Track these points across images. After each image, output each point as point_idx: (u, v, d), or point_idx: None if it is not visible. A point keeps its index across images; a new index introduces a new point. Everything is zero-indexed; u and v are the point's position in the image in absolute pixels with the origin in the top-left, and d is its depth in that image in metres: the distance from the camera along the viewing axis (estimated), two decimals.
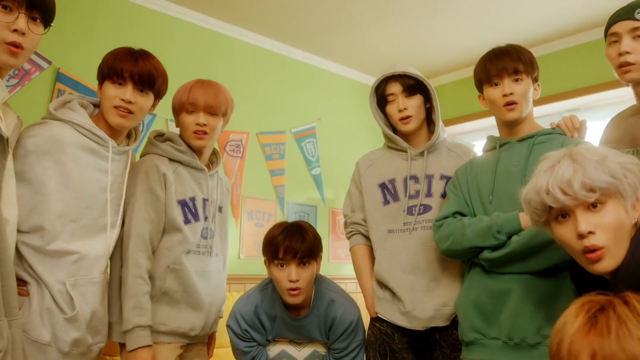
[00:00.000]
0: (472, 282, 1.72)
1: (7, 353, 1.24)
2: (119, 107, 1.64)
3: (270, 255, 1.88)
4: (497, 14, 3.63)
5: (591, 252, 1.16)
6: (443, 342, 1.88)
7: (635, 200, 1.20)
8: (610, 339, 0.94)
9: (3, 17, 1.33)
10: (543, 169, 1.23)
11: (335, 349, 1.93)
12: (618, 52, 1.66)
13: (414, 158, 2.00)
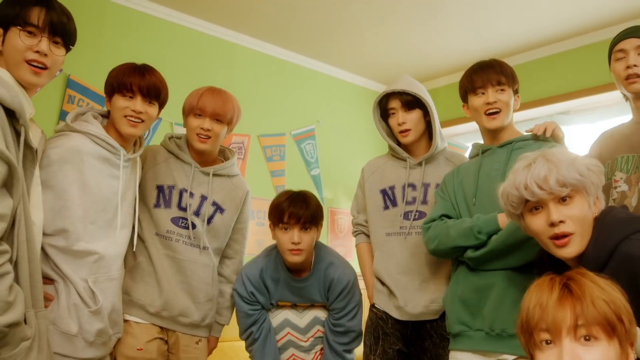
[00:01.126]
0: (459, 278, 1.87)
1: (34, 340, 1.37)
2: (129, 118, 1.78)
3: (276, 219, 2.05)
4: (489, 21, 3.73)
5: (559, 239, 1.32)
6: (433, 333, 2.03)
7: (596, 198, 1.37)
8: (587, 301, 1.06)
9: (27, 41, 1.46)
10: (520, 168, 1.38)
11: (335, 309, 2.10)
12: (626, 66, 1.83)
13: (413, 167, 2.15)
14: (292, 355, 2.12)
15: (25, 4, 1.48)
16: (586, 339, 1.05)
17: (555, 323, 1.06)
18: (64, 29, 1.54)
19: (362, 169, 2.30)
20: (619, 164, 1.86)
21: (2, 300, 1.25)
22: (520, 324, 1.13)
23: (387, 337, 2.07)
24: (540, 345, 1.08)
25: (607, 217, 1.36)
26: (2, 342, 1.28)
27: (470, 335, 1.79)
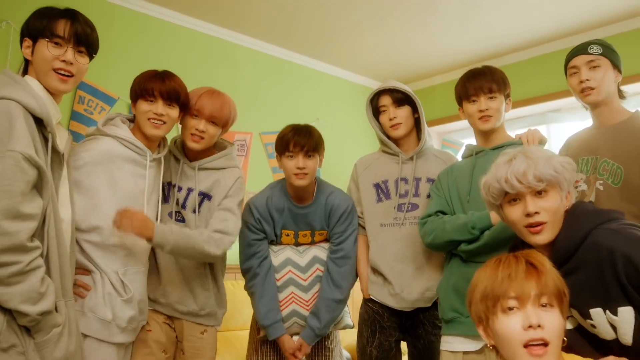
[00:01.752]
0: (452, 269, 2.02)
1: (64, 327, 1.51)
2: (152, 120, 1.92)
3: (282, 149, 2.21)
4: (483, 22, 3.86)
5: (533, 227, 1.46)
6: (426, 321, 2.18)
7: (567, 192, 1.50)
8: (548, 275, 1.26)
9: (54, 51, 1.58)
10: (502, 163, 1.52)
11: (336, 234, 2.27)
12: (579, 81, 1.99)
13: (405, 162, 2.29)
14: (291, 294, 2.24)
15: (51, 17, 1.61)
16: (544, 306, 1.24)
17: (523, 291, 1.24)
18: (87, 39, 1.66)
19: (355, 165, 2.44)
20: (580, 165, 2.02)
21: (35, 291, 1.39)
22: (482, 293, 1.29)
23: (384, 330, 2.22)
24: (505, 310, 1.25)
25: (578, 209, 1.50)
26: (35, 329, 1.42)
27: (462, 322, 1.94)
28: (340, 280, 2.24)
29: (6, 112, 1.41)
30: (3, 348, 1.39)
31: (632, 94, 3.89)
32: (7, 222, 1.35)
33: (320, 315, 2.21)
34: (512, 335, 1.23)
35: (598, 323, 1.40)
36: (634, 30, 3.82)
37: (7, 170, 1.38)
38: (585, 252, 1.40)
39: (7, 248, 1.35)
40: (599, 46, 2.00)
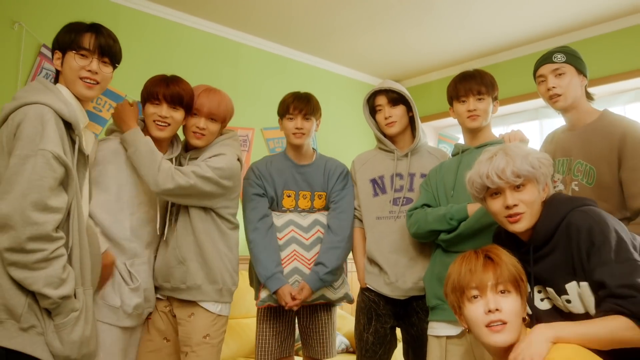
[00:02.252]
0: (435, 260, 2.18)
1: (81, 312, 1.64)
2: (157, 122, 2.06)
3: (283, 112, 2.48)
4: (475, 21, 3.98)
5: (512, 217, 1.61)
6: (419, 309, 2.32)
7: (545, 185, 1.65)
8: (502, 266, 1.47)
9: (80, 62, 1.74)
10: (484, 160, 1.66)
11: (334, 192, 2.47)
12: (547, 89, 2.12)
13: (400, 158, 2.44)
14: (293, 251, 2.38)
15: (78, 31, 1.76)
16: (502, 292, 1.45)
17: (482, 282, 1.46)
18: (110, 50, 1.81)
19: (353, 162, 2.58)
20: (557, 166, 2.16)
21: (57, 277, 1.53)
22: (452, 286, 1.51)
23: (380, 318, 2.36)
24: (470, 299, 1.46)
25: (555, 198, 1.66)
26: (55, 311, 1.56)
27: (444, 308, 2.08)
28: (339, 230, 2.40)
29: (39, 115, 1.56)
30: (23, 328, 1.52)
31: (621, 91, 4.04)
32: (35, 214, 1.50)
33: (324, 260, 2.35)
34: (476, 319, 1.45)
35: (573, 297, 1.55)
36: (629, 28, 3.94)
37: (38, 167, 1.52)
38: (560, 233, 1.56)
39: (34, 237, 1.49)
40: (562, 54, 2.11)
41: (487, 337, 1.43)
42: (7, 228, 1.48)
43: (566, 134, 2.19)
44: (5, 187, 1.50)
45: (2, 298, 1.52)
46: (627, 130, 1.99)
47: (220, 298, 2.16)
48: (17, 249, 1.48)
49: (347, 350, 3.61)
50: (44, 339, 1.56)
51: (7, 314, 1.52)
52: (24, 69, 3.15)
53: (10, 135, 1.57)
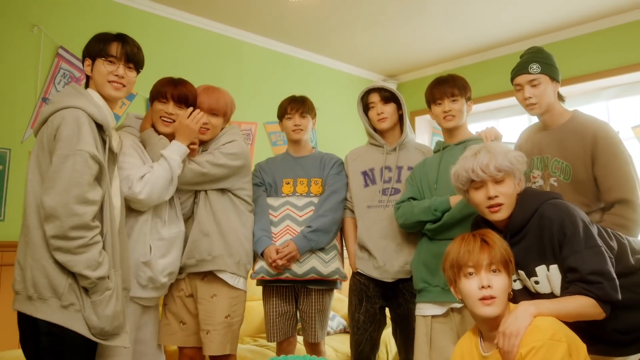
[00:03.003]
0: (422, 247, 2.40)
1: (114, 291, 1.84)
2: (163, 118, 2.28)
3: (282, 113, 2.76)
4: (467, 20, 4.17)
5: (493, 207, 1.83)
6: (405, 291, 2.53)
7: (519, 180, 1.87)
8: (496, 248, 1.67)
9: (108, 68, 1.94)
10: (469, 156, 1.88)
11: (329, 176, 2.71)
12: (523, 98, 2.29)
13: (389, 152, 2.65)
14: (286, 226, 2.60)
15: (106, 41, 1.97)
16: (494, 271, 1.66)
17: (478, 262, 1.67)
18: (135, 57, 2.01)
19: (346, 156, 2.80)
20: (535, 163, 2.35)
21: (94, 260, 1.74)
22: (450, 263, 1.73)
23: (370, 299, 2.58)
24: (467, 275, 1.68)
25: (528, 192, 1.88)
26: (92, 290, 1.77)
27: (430, 290, 2.32)
28: (327, 203, 2.60)
29: (75, 118, 1.76)
30: (64, 305, 1.73)
31: (605, 87, 4.24)
32: (77, 206, 1.70)
33: (309, 222, 2.56)
34: (471, 293, 1.67)
35: (541, 279, 1.78)
36: (613, 27, 4.13)
37: (78, 165, 1.72)
38: (533, 223, 1.79)
39: (76, 226, 1.70)
40: (537, 65, 2.26)
41: (479, 309, 1.65)
42: (53, 218, 1.69)
43: (541, 133, 2.37)
44: (49, 183, 1.71)
45: (47, 279, 1.73)
46: (598, 132, 2.18)
47: (237, 270, 2.37)
48: (61, 237, 1.69)
49: (345, 330, 3.89)
50: (82, 315, 1.75)
51: (51, 292, 1.73)
52: (43, 69, 3.38)
53: (50, 136, 1.77)
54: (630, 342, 1.76)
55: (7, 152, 3.21)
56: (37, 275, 1.74)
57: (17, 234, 3.06)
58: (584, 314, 1.64)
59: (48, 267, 1.73)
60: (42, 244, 1.75)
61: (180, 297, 2.41)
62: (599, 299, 1.62)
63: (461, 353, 1.79)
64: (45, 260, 1.74)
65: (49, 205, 1.69)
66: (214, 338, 2.32)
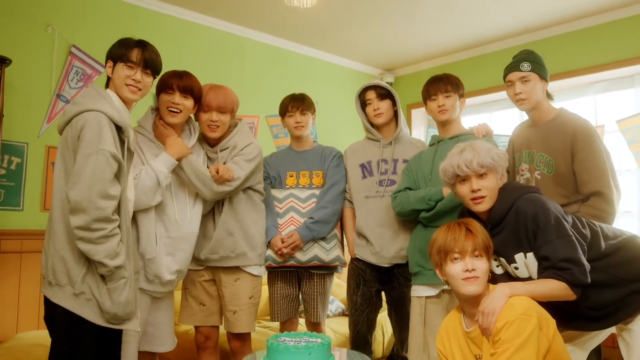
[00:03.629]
0: (417, 234, 2.58)
1: (128, 280, 1.95)
2: (170, 108, 2.38)
3: (283, 111, 2.93)
4: (459, 17, 4.31)
5: (477, 200, 2.00)
6: (399, 275, 2.72)
7: (501, 175, 2.04)
8: (478, 236, 1.86)
9: (127, 72, 2.08)
10: (455, 153, 2.05)
11: (330, 168, 2.88)
12: (514, 93, 2.45)
13: (385, 146, 2.82)
14: (291, 217, 2.80)
15: (128, 46, 2.11)
16: (476, 256, 1.85)
17: (463, 248, 1.86)
18: (153, 63, 2.16)
19: (345, 151, 2.97)
20: (523, 157, 2.51)
21: (113, 250, 1.88)
22: (437, 249, 1.91)
23: (367, 283, 2.78)
24: (452, 259, 1.87)
25: (508, 186, 2.06)
26: (109, 277, 1.90)
27: (424, 274, 2.51)
28: (328, 195, 2.80)
29: (97, 121, 1.90)
30: (76, 294, 1.87)
31: (593, 82, 4.41)
32: (100, 200, 1.83)
33: (312, 214, 2.76)
34: (456, 275, 1.86)
35: (520, 265, 1.97)
36: (602, 25, 4.27)
37: (100, 164, 1.85)
38: (510, 216, 1.97)
39: (98, 218, 1.83)
40: (528, 63, 2.42)
41: (463, 288, 1.85)
42: (78, 211, 1.81)
43: (530, 129, 2.53)
44: (74, 178, 1.86)
45: (65, 267, 1.88)
46: (578, 129, 2.33)
47: (259, 261, 2.62)
48: (85, 228, 1.82)
49: (343, 313, 4.10)
50: (92, 303, 1.88)
51: (67, 280, 1.88)
52: (57, 67, 3.54)
53: (74, 136, 1.91)
54: (603, 317, 1.95)
55: (24, 146, 3.38)
56: (56, 264, 1.89)
57: (35, 223, 3.30)
58: (555, 295, 1.83)
59: (66, 257, 1.88)
60: (63, 235, 1.89)
61: (200, 282, 2.60)
62: (569, 282, 1.81)
63: (446, 329, 2.00)
64: (65, 250, 1.89)
65: (74, 199, 1.82)
66: (241, 317, 2.53)
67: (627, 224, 4.14)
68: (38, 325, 3.26)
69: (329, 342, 2.05)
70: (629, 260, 1.94)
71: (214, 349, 2.67)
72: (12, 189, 3.31)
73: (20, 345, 2.81)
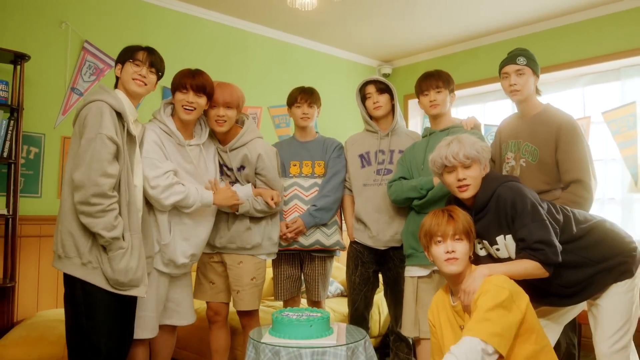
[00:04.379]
0: (410, 219, 2.79)
1: (127, 250, 2.12)
2: (185, 107, 2.55)
3: (292, 101, 3.10)
4: (454, 11, 4.46)
5: (462, 188, 2.20)
6: (395, 257, 2.93)
7: (484, 165, 2.23)
8: (459, 221, 2.05)
9: (134, 68, 2.30)
10: (443, 145, 2.25)
11: (331, 159, 3.07)
12: (509, 84, 2.62)
13: (382, 138, 3.01)
14: (295, 205, 3.03)
15: (135, 49, 2.34)
16: (457, 239, 2.05)
17: (445, 232, 2.06)
18: (157, 64, 2.38)
19: (345, 142, 3.16)
20: (510, 147, 2.69)
21: (110, 224, 2.06)
22: (424, 232, 2.12)
23: (364, 264, 2.99)
24: (436, 242, 2.08)
25: (491, 175, 2.25)
26: (108, 248, 2.09)
27: (417, 255, 2.71)
28: (329, 184, 3.01)
29: (99, 108, 2.12)
30: (84, 263, 2.10)
31: (582, 75, 4.59)
32: (99, 178, 2.04)
33: (314, 202, 2.98)
34: (439, 256, 2.07)
35: (500, 247, 2.18)
36: (591, 20, 4.44)
37: (98, 146, 2.06)
38: (492, 202, 2.17)
39: (96, 194, 2.04)
40: (524, 58, 2.60)
41: (445, 268, 2.06)
42: (79, 188, 2.04)
43: (518, 121, 2.72)
44: (78, 160, 2.07)
45: (72, 241, 2.09)
46: (563, 123, 2.51)
47: (274, 249, 2.86)
48: (85, 202, 2.04)
49: (342, 294, 4.33)
50: (98, 271, 2.10)
51: (75, 252, 2.10)
52: (71, 61, 3.72)
53: (80, 124, 2.13)
54: (573, 294, 2.17)
55: (42, 137, 3.58)
56: (65, 239, 2.11)
57: (52, 208, 3.54)
58: (530, 274, 2.04)
59: (74, 232, 2.10)
60: (70, 213, 2.11)
61: (210, 263, 2.84)
62: (542, 262, 2.02)
63: (437, 303, 2.22)
64: (72, 226, 2.10)
65: (77, 178, 2.05)
66: (243, 297, 2.76)
67: (611, 210, 4.37)
68: (56, 304, 3.50)
69: (328, 316, 2.28)
70: (596, 243, 2.16)
71: (223, 323, 2.91)
72: (31, 178, 3.52)
73: (42, 321, 3.05)
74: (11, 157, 3.20)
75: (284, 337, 2.17)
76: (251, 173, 2.78)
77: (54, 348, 2.79)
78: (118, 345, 2.20)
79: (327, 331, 2.24)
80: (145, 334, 2.48)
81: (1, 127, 3.16)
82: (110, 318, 2.16)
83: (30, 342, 2.79)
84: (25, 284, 3.38)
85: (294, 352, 2.07)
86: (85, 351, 2.13)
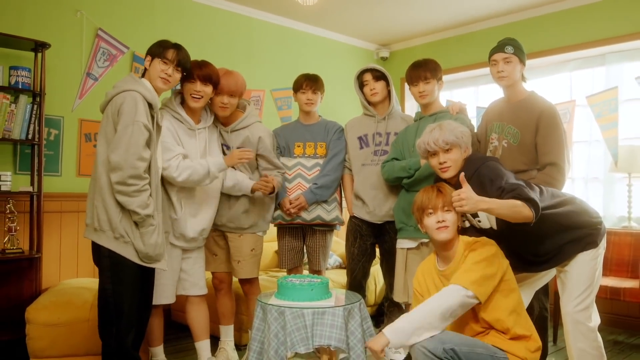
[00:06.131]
0: (401, 196, 3.05)
1: (156, 227, 2.38)
2: (193, 95, 2.79)
3: (297, 87, 3.29)
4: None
5: (444, 169, 2.45)
6: (390, 231, 3.18)
7: (465, 148, 2.48)
8: (447, 196, 2.29)
9: (162, 67, 2.51)
10: (427, 132, 2.50)
11: (332, 141, 3.30)
12: (497, 71, 2.81)
13: (379, 121, 3.25)
14: (298, 183, 3.27)
15: (166, 47, 2.54)
16: (446, 210, 2.30)
17: (435, 205, 2.31)
18: (184, 63, 2.59)
19: (345, 125, 3.40)
20: (494, 128, 2.90)
21: (144, 202, 2.29)
22: (417, 207, 2.36)
23: (363, 237, 3.26)
24: (428, 214, 2.32)
25: (472, 156, 2.50)
26: (141, 224, 2.32)
27: (406, 229, 2.98)
28: (329, 165, 3.26)
29: (134, 98, 2.33)
30: (116, 237, 2.29)
31: (568, 60, 4.79)
32: (136, 161, 2.26)
33: (316, 180, 3.22)
34: (431, 225, 2.32)
35: (482, 218, 2.43)
36: (580, 7, 4.62)
37: (135, 132, 2.28)
38: (474, 180, 2.39)
39: (133, 175, 2.26)
40: (512, 47, 2.78)
41: (437, 235, 2.30)
42: (117, 170, 2.24)
43: (503, 104, 2.92)
44: (115, 144, 2.27)
45: (107, 215, 2.29)
46: (544, 110, 2.71)
47: (265, 227, 3.18)
48: (122, 183, 2.25)
49: (340, 266, 4.64)
50: (129, 245, 2.31)
51: (108, 226, 2.30)
52: (86, 48, 3.95)
53: (114, 111, 2.32)
54: (545, 262, 2.45)
55: (60, 120, 3.83)
56: (100, 213, 2.31)
57: (71, 186, 3.82)
58: (519, 211, 2.15)
59: (108, 208, 2.30)
60: (106, 190, 2.29)
61: (212, 236, 3.12)
62: (521, 197, 2.18)
63: (422, 271, 2.49)
64: (106, 202, 2.30)
65: (115, 160, 2.25)
66: (244, 266, 3.06)
67: (594, 189, 4.62)
68: (77, 274, 3.79)
69: (327, 282, 2.56)
70: (567, 214, 2.41)
71: (227, 290, 3.23)
72: (51, 157, 3.78)
73: (67, 288, 3.34)
74: (35, 139, 3.45)
75: (288, 300, 2.45)
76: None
77: (79, 311, 3.08)
78: (138, 309, 2.46)
79: (327, 294, 2.52)
80: (164, 300, 2.80)
81: (26, 111, 3.40)
82: (132, 285, 2.41)
83: (59, 306, 3.08)
84: (48, 255, 3.66)
85: (297, 312, 2.34)
86: (110, 312, 2.40)
